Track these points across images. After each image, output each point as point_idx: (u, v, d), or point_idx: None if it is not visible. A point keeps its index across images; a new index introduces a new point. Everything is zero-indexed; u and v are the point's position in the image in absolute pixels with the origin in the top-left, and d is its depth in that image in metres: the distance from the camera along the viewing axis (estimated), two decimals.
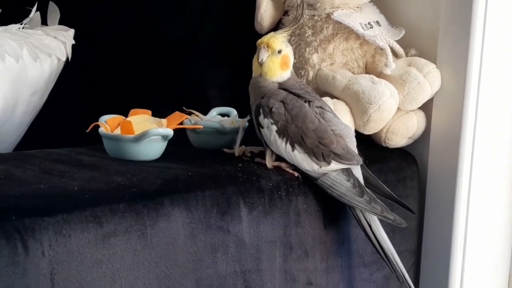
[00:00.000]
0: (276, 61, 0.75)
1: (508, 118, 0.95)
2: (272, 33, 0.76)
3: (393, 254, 0.76)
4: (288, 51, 0.76)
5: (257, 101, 0.76)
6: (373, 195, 0.74)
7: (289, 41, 0.77)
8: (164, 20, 1.07)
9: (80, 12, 1.09)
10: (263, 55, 0.74)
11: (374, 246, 0.76)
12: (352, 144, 0.76)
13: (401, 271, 0.76)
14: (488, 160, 0.93)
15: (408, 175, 0.92)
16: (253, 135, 0.79)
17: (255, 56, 0.75)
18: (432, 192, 0.95)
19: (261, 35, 0.98)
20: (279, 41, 0.74)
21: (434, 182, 0.94)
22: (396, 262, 0.76)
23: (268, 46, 0.74)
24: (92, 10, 1.11)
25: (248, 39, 0.79)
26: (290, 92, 0.75)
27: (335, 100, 0.90)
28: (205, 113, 0.86)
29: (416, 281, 0.96)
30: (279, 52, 0.75)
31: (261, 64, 0.75)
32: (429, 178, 0.95)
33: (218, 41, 1.05)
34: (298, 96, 0.75)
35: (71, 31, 0.97)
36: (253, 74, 0.77)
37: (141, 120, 0.77)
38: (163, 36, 1.06)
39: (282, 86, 0.76)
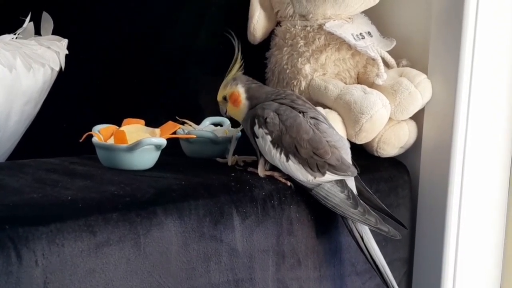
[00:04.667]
0: (230, 107, 0.78)
1: (499, 128, 0.96)
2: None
3: (384, 266, 0.76)
4: (228, 90, 0.78)
5: (245, 123, 0.78)
6: (367, 206, 0.74)
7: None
8: (158, 30, 1.07)
9: (73, 22, 1.09)
10: (222, 111, 0.80)
11: (366, 257, 0.76)
12: (347, 155, 0.76)
13: (391, 283, 0.76)
14: (479, 169, 0.94)
15: (399, 185, 0.93)
16: (245, 145, 0.79)
17: None
18: (424, 201, 0.95)
19: (254, 45, 1.00)
20: (220, 93, 0.79)
21: (425, 191, 0.95)
22: (386, 274, 0.76)
23: (219, 103, 0.79)
24: (85, 21, 1.11)
25: (242, 49, 0.80)
26: (282, 103, 0.75)
27: (327, 110, 0.91)
28: (198, 122, 0.86)
29: None
30: (225, 98, 0.78)
31: (229, 116, 0.81)
32: (421, 187, 0.96)
33: (211, 51, 1.05)
34: (292, 107, 0.75)
35: (65, 41, 0.97)
36: None
37: (134, 130, 0.77)
38: (156, 46, 1.06)
39: (254, 105, 0.77)
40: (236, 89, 0.77)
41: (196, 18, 1.06)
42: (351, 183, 0.76)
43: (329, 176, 0.74)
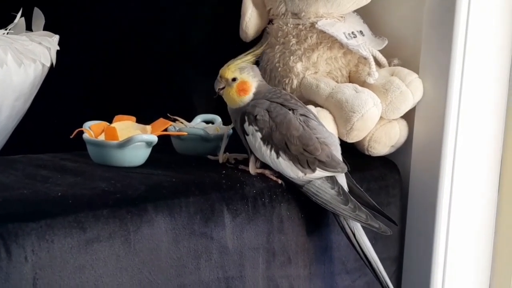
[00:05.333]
0: (232, 91, 0.75)
1: (489, 127, 0.97)
2: (228, 62, 0.76)
3: (376, 262, 0.76)
4: (244, 76, 0.75)
5: (236, 117, 0.76)
6: (357, 203, 0.74)
7: (255, 61, 0.77)
8: (150, 27, 1.07)
9: (65, 18, 1.09)
10: (216, 85, 0.76)
11: (358, 254, 0.77)
12: (337, 152, 0.77)
13: (384, 278, 0.76)
14: (469, 168, 0.94)
15: (390, 183, 0.93)
16: (237, 142, 0.79)
17: None
18: (414, 200, 0.96)
19: (246, 43, 1.00)
20: (231, 70, 0.75)
21: (416, 190, 0.95)
22: (379, 270, 0.76)
23: (221, 77, 0.75)
24: (77, 17, 1.11)
25: (234, 47, 0.80)
26: (273, 101, 0.76)
27: (318, 108, 0.91)
28: (189, 120, 0.86)
29: None
30: (234, 80, 0.75)
31: (220, 95, 0.76)
32: (411, 186, 0.96)
33: (203, 49, 1.05)
34: (281, 104, 0.75)
35: (56, 37, 0.97)
36: None
37: (125, 127, 0.77)
38: (149, 43, 1.06)
39: (258, 99, 0.76)
40: (250, 80, 0.76)
41: (188, 16, 1.06)
42: (342, 179, 0.77)
43: (320, 173, 0.74)
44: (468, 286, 0.98)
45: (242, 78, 0.76)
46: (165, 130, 0.77)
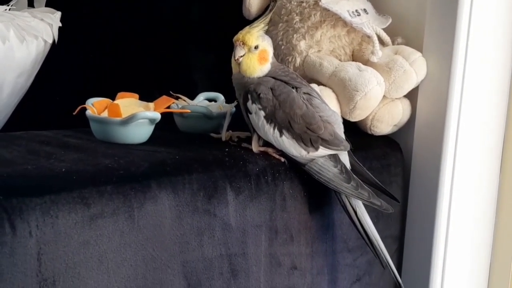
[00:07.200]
0: (253, 58, 0.74)
1: (492, 107, 0.96)
2: (247, 28, 0.74)
3: (378, 240, 0.77)
4: (265, 44, 0.74)
5: (241, 91, 0.76)
6: (360, 181, 0.75)
7: (266, 31, 0.76)
8: (152, 3, 1.06)
9: None
10: (240, 52, 0.74)
11: (359, 232, 0.77)
12: (340, 130, 0.77)
13: (385, 257, 0.77)
14: (471, 148, 0.94)
15: (392, 162, 0.93)
16: (240, 120, 0.79)
17: (233, 54, 0.74)
18: (416, 179, 0.96)
19: (248, 20, 0.99)
20: (254, 36, 0.73)
21: (418, 170, 0.95)
22: (380, 248, 0.77)
23: (244, 44, 0.74)
24: None
25: (236, 24, 0.79)
26: (277, 79, 0.75)
27: (321, 87, 0.91)
28: (192, 98, 0.86)
29: (399, 267, 0.97)
30: (256, 48, 0.74)
31: (238, 62, 0.74)
32: (413, 165, 0.96)
33: (206, 26, 1.05)
34: (286, 82, 0.75)
35: (58, 14, 0.97)
36: (233, 71, 0.76)
37: (128, 104, 0.77)
38: (150, 20, 1.06)
39: (266, 75, 0.76)
40: (269, 49, 0.75)
41: None
42: (345, 157, 0.77)
43: (322, 151, 0.74)
44: (469, 266, 0.99)
45: (263, 46, 0.74)
46: (168, 107, 0.77)
